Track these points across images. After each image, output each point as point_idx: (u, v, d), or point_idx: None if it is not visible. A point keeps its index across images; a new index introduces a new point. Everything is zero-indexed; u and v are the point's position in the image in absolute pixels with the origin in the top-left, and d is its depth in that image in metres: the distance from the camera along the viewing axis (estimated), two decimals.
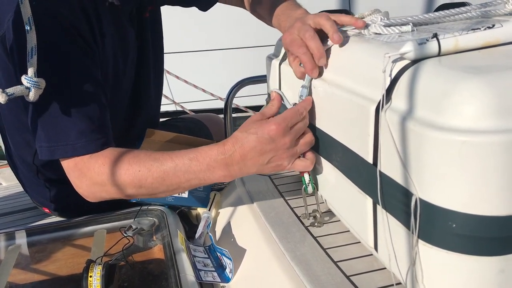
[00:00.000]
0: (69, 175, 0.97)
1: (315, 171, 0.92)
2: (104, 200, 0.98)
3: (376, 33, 0.80)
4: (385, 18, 0.82)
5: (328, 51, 0.84)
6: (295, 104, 0.88)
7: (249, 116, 0.93)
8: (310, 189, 0.93)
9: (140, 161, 0.91)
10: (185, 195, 1.17)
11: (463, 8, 0.84)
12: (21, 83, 0.81)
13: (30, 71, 0.81)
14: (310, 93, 0.87)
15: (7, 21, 0.96)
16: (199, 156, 0.88)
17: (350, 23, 0.84)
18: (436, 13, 0.84)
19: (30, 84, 0.81)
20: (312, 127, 0.88)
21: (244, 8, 1.34)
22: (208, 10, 1.43)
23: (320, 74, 0.85)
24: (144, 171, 0.90)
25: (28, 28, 0.79)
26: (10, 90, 0.78)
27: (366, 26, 0.82)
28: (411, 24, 0.79)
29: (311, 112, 0.87)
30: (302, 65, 0.87)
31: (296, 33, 0.87)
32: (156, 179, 0.90)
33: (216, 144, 0.89)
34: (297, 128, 0.86)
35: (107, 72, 1.11)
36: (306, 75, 0.86)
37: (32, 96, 0.82)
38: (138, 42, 1.24)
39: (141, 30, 1.26)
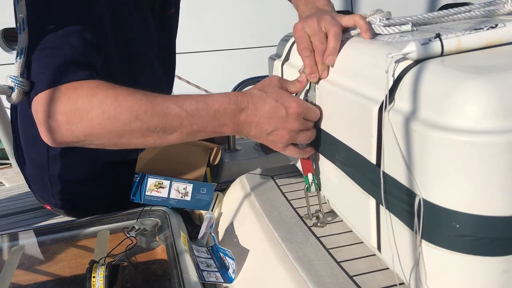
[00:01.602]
0: (39, 112, 0.82)
1: (318, 171, 0.92)
2: (75, 143, 0.84)
3: (377, 33, 0.80)
4: (385, 18, 0.82)
5: None
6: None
7: None
8: (313, 188, 0.93)
9: (142, 91, 0.83)
10: (188, 198, 1.17)
11: (464, 8, 0.84)
12: None
13: (17, 71, 0.80)
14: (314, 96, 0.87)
15: None
16: (209, 100, 0.83)
17: (360, 28, 0.81)
18: (438, 13, 0.84)
19: (14, 83, 0.80)
20: (315, 127, 0.88)
21: None
22: (211, 11, 1.43)
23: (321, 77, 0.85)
24: (146, 101, 0.81)
25: (21, 29, 0.79)
26: None
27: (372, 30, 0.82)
28: (410, 23, 0.79)
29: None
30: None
31: (309, 32, 0.84)
32: (157, 114, 0.81)
33: (229, 93, 0.85)
34: (307, 123, 0.85)
35: (127, 64, 1.10)
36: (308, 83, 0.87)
37: (14, 96, 0.81)
38: (160, 39, 1.25)
39: (163, 26, 1.26)
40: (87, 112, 0.80)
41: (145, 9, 1.19)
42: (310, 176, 0.92)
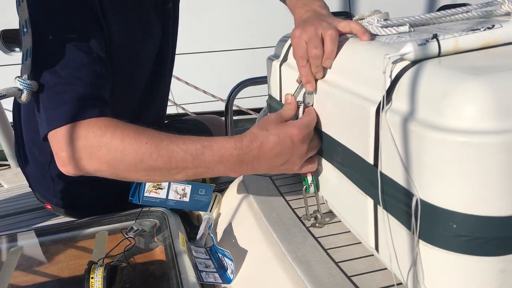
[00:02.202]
0: (56, 145, 0.88)
1: (316, 172, 0.92)
2: (87, 174, 0.89)
3: (374, 34, 0.80)
4: (382, 19, 0.82)
5: None
6: (300, 103, 0.88)
7: (250, 118, 0.93)
8: (312, 189, 0.93)
9: (148, 133, 0.85)
10: (186, 199, 1.17)
11: (462, 9, 0.84)
12: None
13: (25, 73, 0.81)
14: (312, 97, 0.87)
15: None
16: (214, 145, 0.85)
17: (357, 34, 0.81)
18: (435, 14, 0.84)
19: (23, 86, 0.82)
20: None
21: None
22: (210, 12, 1.43)
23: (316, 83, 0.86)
24: (151, 144, 0.84)
25: (25, 30, 0.80)
26: (2, 91, 0.79)
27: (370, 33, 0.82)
28: (408, 24, 0.79)
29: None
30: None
31: (306, 39, 0.84)
32: (162, 158, 0.84)
33: (233, 137, 0.86)
34: (311, 134, 0.86)
35: (126, 58, 1.11)
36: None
37: (24, 97, 0.82)
38: (161, 34, 1.25)
39: (164, 21, 1.26)
40: (96, 150, 0.85)
41: (147, 7, 1.19)
42: (310, 177, 0.92)
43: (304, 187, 0.93)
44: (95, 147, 0.85)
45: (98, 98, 0.92)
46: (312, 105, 0.87)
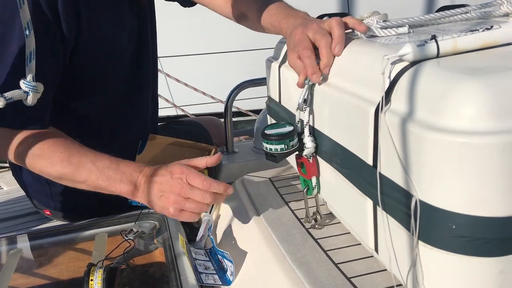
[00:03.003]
0: None
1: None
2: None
3: (373, 35, 0.80)
4: (381, 20, 0.82)
5: None
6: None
7: (249, 120, 0.93)
8: (315, 192, 0.92)
9: (66, 145, 0.97)
10: None
11: (461, 10, 0.84)
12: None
13: (29, 75, 0.82)
14: (311, 99, 0.86)
15: None
16: (120, 164, 0.95)
17: (354, 26, 0.83)
18: (434, 15, 0.84)
19: (28, 88, 0.82)
20: (311, 129, 0.88)
21: (223, 11, 1.29)
22: (209, 12, 1.42)
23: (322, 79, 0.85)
24: (64, 154, 0.95)
25: (27, 32, 0.80)
26: (8, 95, 0.79)
27: (369, 29, 0.82)
28: (407, 26, 0.79)
29: (311, 115, 0.87)
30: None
31: (311, 34, 0.85)
32: (71, 165, 0.94)
33: (139, 164, 0.97)
34: (195, 190, 0.90)
35: (101, 51, 1.12)
36: (305, 81, 0.86)
37: (30, 100, 0.83)
38: (137, 29, 1.25)
39: (140, 16, 1.26)
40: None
41: (122, 3, 1.19)
42: (314, 179, 0.92)
43: (305, 189, 0.93)
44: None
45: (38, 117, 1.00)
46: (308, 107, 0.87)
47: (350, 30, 0.85)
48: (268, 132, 0.89)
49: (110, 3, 1.14)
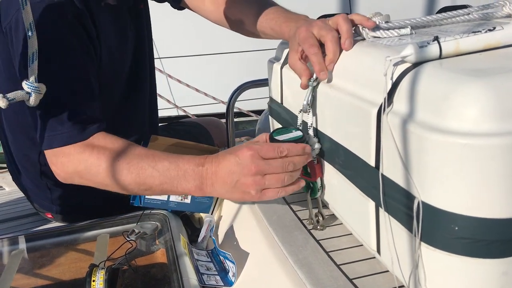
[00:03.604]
0: (54, 161, 0.99)
1: None
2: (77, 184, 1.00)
3: (375, 37, 0.80)
4: (384, 21, 0.82)
5: None
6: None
7: (251, 120, 0.93)
8: (320, 193, 0.92)
9: (123, 150, 0.93)
10: (188, 201, 1.17)
11: (463, 11, 0.84)
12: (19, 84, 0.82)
13: (31, 76, 0.82)
14: (314, 100, 0.86)
15: (13, 13, 1.00)
16: (180, 161, 0.90)
17: (361, 23, 0.83)
18: (437, 16, 0.84)
19: (30, 89, 0.82)
20: (314, 130, 0.88)
21: (214, 17, 1.29)
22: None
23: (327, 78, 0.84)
24: (123, 162, 0.92)
25: (30, 33, 0.80)
26: (11, 95, 0.79)
27: (377, 27, 0.81)
28: (409, 27, 0.79)
29: (314, 116, 0.87)
30: (309, 64, 0.86)
31: (316, 31, 0.84)
32: (131, 174, 0.91)
33: (198, 156, 0.91)
34: (272, 162, 0.83)
35: (102, 61, 1.14)
36: (309, 82, 0.85)
37: (32, 101, 0.83)
38: (135, 32, 1.26)
39: (138, 21, 1.27)
40: (77, 166, 0.96)
41: (124, 11, 1.21)
42: (319, 180, 0.91)
43: (309, 191, 0.93)
44: (76, 163, 0.96)
45: (93, 116, 1.00)
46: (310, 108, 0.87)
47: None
48: (278, 138, 0.87)
49: (116, 20, 1.16)
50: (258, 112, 2.85)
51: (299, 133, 0.88)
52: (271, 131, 0.95)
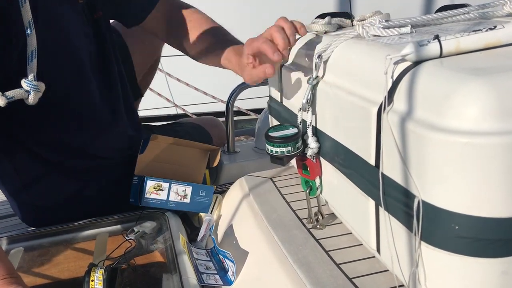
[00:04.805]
0: None
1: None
2: None
3: (375, 35, 0.80)
4: (384, 20, 0.82)
5: (330, 54, 0.83)
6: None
7: (250, 119, 0.93)
8: (319, 192, 0.92)
9: None
10: (187, 200, 1.17)
11: (463, 9, 0.84)
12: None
13: (30, 74, 0.81)
14: (313, 99, 0.86)
15: None
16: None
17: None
18: (437, 15, 0.84)
19: (29, 87, 0.81)
20: (314, 129, 0.88)
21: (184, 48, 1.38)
22: (210, 12, 1.41)
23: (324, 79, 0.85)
24: None
25: (29, 31, 0.79)
26: (9, 93, 0.78)
27: (364, 28, 0.82)
28: (409, 25, 0.79)
29: (314, 115, 0.87)
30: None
31: (259, 38, 0.91)
32: None
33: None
34: None
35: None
36: (309, 81, 0.85)
37: (31, 99, 0.82)
38: (95, 37, 1.24)
39: (96, 26, 1.25)
40: None
41: (78, 17, 1.18)
42: (318, 179, 0.91)
43: (308, 190, 0.93)
44: None
45: None
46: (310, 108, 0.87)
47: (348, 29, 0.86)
48: (272, 134, 0.88)
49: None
50: (258, 111, 2.85)
51: (294, 130, 0.88)
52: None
